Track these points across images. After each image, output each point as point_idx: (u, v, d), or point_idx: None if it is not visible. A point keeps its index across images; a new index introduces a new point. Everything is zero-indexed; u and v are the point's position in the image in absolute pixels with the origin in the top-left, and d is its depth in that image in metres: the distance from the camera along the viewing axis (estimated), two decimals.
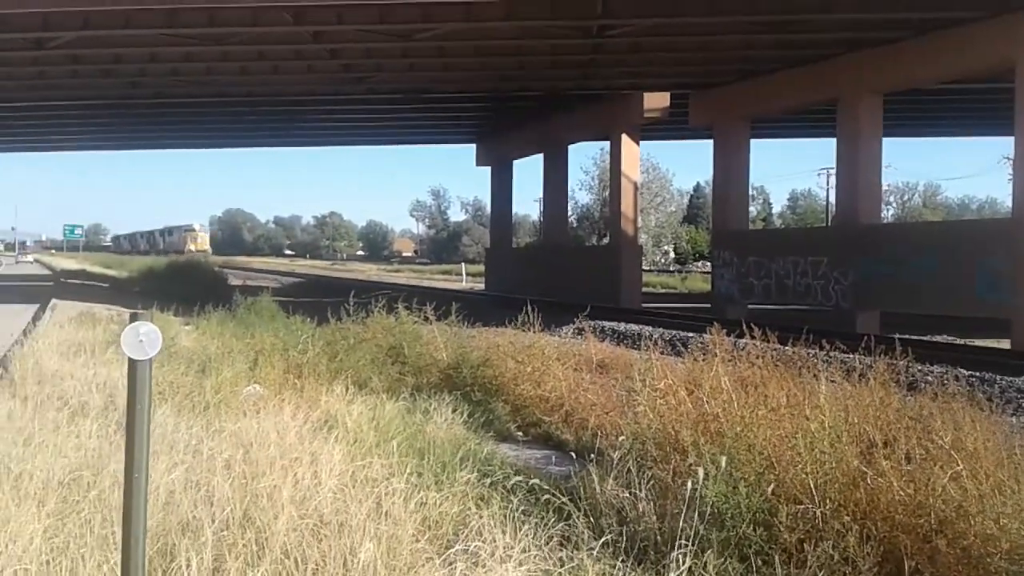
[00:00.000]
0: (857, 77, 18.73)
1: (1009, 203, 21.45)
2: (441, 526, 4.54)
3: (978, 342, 15.41)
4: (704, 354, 7.37)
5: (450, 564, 3.90)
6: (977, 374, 10.55)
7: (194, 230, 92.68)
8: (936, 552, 4.00)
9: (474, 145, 36.70)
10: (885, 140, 19.93)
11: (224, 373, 8.08)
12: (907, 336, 14.27)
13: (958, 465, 4.35)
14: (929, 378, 7.73)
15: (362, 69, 21.09)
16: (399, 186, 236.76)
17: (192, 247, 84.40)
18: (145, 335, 2.65)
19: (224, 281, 33.12)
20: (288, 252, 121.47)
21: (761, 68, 20.71)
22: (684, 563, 3.90)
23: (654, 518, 4.68)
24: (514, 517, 4.45)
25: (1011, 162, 17.48)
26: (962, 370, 9.90)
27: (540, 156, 31.71)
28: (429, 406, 7.62)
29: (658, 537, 4.50)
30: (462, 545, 4.12)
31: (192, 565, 3.60)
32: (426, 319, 11.05)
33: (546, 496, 4.83)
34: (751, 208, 40.15)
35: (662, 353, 7.73)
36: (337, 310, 11.61)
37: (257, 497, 4.45)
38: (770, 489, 4.50)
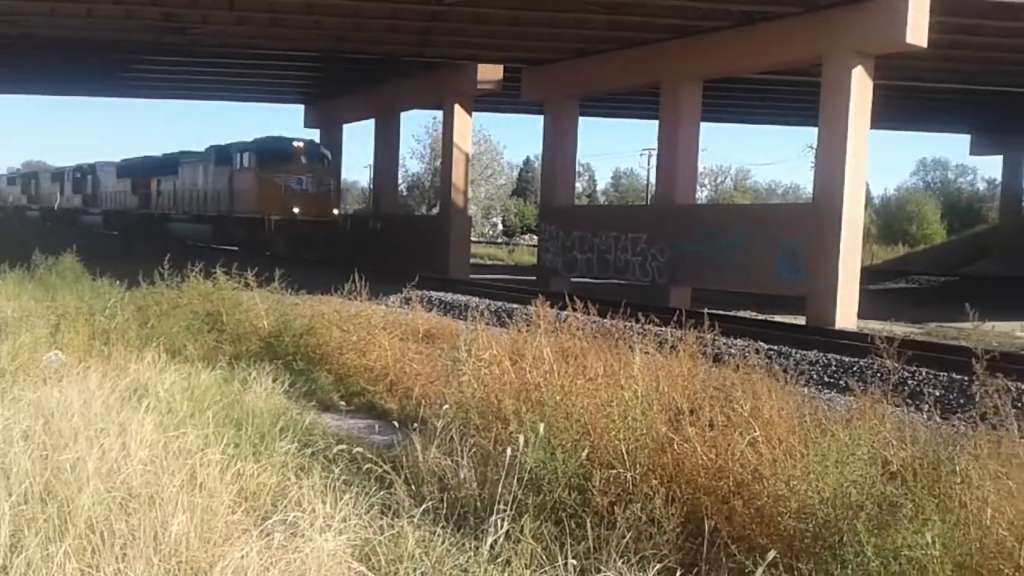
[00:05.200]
0: (680, 63, 19.54)
1: (810, 189, 23.09)
2: (259, 497, 4.46)
3: (777, 318, 16.57)
4: (528, 325, 7.57)
5: (267, 535, 3.83)
6: (775, 347, 11.35)
7: (288, 156, 27.13)
8: (733, 512, 4.30)
9: (303, 106, 35.62)
10: (703, 125, 20.95)
11: (22, 338, 7.51)
12: (715, 311, 15.16)
13: (755, 432, 4.69)
14: (732, 350, 8.25)
15: (186, 20, 19.88)
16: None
17: (296, 209, 26.01)
18: None
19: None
20: None
21: (592, 48, 21.20)
22: (502, 527, 4.01)
23: (475, 485, 4.78)
24: (335, 487, 4.44)
25: (814, 151, 18.84)
26: (762, 344, 10.59)
27: (372, 121, 31.19)
28: (248, 375, 7.38)
29: (478, 503, 4.60)
30: (280, 516, 4.07)
31: None
32: (247, 285, 10.69)
33: (368, 465, 4.83)
34: (577, 184, 41.24)
35: (488, 324, 7.87)
36: (149, 273, 11.01)
37: (59, 470, 4.22)
38: (585, 455, 4.69)
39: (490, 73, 24.49)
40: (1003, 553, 3.59)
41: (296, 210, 25.81)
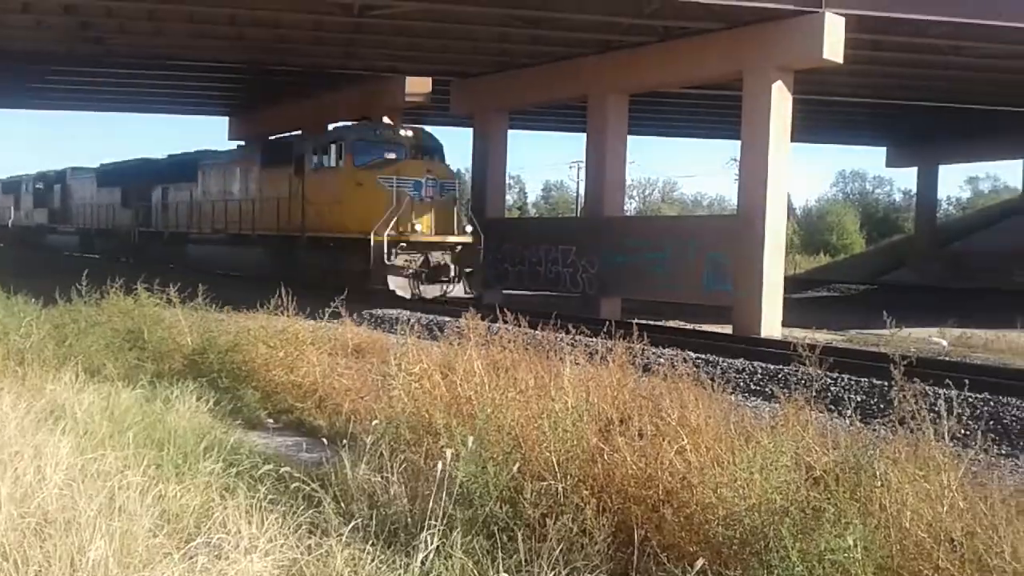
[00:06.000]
0: (606, 77, 19.79)
1: (735, 201, 23.57)
2: (182, 519, 4.34)
3: (705, 327, 16.86)
4: (459, 338, 7.55)
5: (191, 558, 3.73)
6: (703, 356, 11.53)
7: (396, 147, 19.08)
8: (663, 520, 4.34)
9: (227, 118, 35.02)
10: (630, 138, 21.24)
11: None
12: (644, 321, 15.35)
13: (683, 440, 4.75)
14: (661, 360, 8.35)
15: (102, 29, 19.38)
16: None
17: (419, 226, 17.79)
18: None
19: None
20: None
21: (519, 62, 21.34)
22: (432, 543, 3.97)
23: (405, 500, 4.73)
24: (261, 507, 4.34)
25: (737, 164, 19.26)
26: (690, 352, 10.75)
27: (299, 134, 30.80)
28: (171, 394, 7.19)
29: (409, 519, 4.55)
30: (204, 538, 3.97)
31: None
32: (169, 301, 10.42)
33: (296, 484, 4.73)
34: (508, 197, 41.37)
35: (419, 337, 7.83)
36: (67, 291, 10.67)
37: None
38: (516, 467, 4.68)
39: (419, 86, 24.47)
40: (922, 554, 3.70)
41: (418, 227, 17.69)
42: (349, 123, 20.82)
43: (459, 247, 18.15)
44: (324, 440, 6.21)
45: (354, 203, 18.23)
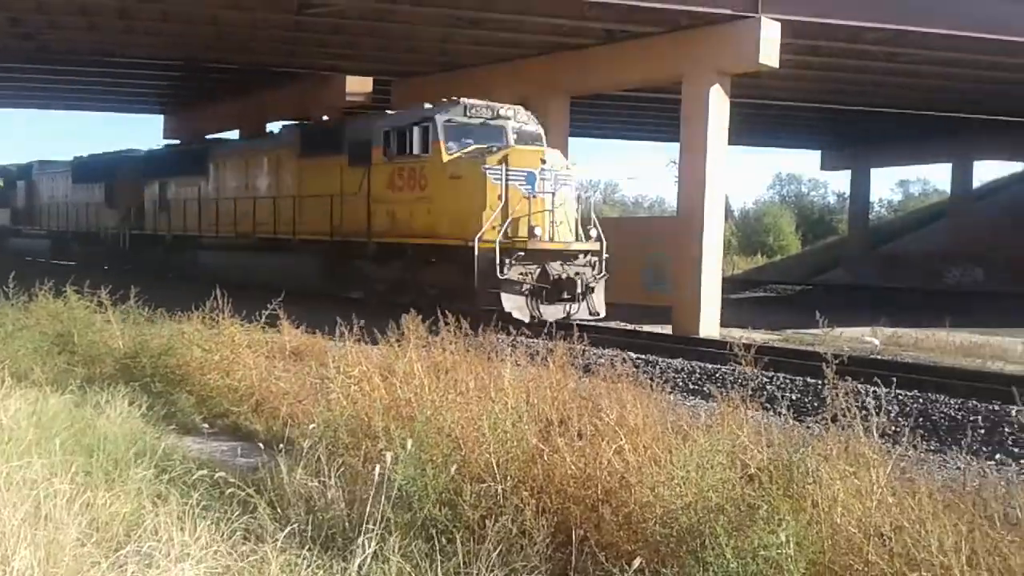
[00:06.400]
0: (547, 79, 19.86)
1: (674, 202, 23.85)
2: (111, 527, 4.23)
3: (645, 327, 17.02)
4: (400, 340, 7.50)
5: (120, 567, 3.64)
6: (643, 356, 11.65)
7: (495, 131, 15.10)
8: (602, 520, 4.36)
9: (162, 116, 34.33)
10: (572, 140, 21.35)
11: None
12: (585, 322, 15.42)
13: (622, 440, 4.79)
14: (602, 360, 8.41)
15: (33, 25, 18.83)
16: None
17: (538, 229, 13.88)
18: None
19: None
20: None
21: (462, 62, 21.30)
22: (370, 547, 3.93)
23: (343, 505, 4.67)
24: (194, 513, 4.24)
25: (677, 166, 19.50)
26: (630, 353, 10.85)
27: (237, 133, 30.32)
28: (101, 399, 7.00)
29: (346, 523, 4.50)
30: (134, 546, 3.87)
31: None
32: (100, 304, 10.14)
33: (230, 489, 4.65)
34: None
35: (358, 340, 7.77)
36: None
37: None
38: (455, 469, 4.66)
39: (359, 85, 24.27)
40: (853, 549, 3.77)
41: (537, 230, 13.92)
42: (432, 104, 15.90)
43: (582, 256, 14.55)
44: (261, 445, 6.11)
45: (449, 200, 14.50)
